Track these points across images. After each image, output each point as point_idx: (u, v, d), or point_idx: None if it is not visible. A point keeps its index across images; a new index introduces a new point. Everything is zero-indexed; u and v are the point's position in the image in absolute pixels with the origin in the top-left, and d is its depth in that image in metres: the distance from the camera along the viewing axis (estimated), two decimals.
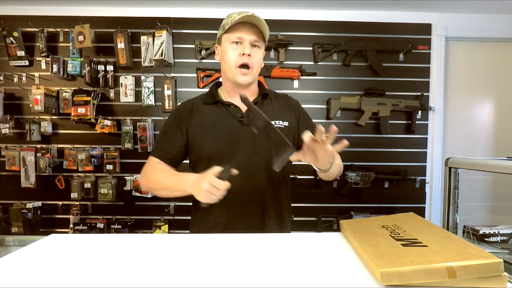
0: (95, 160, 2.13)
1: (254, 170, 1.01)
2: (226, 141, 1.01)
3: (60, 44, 2.16)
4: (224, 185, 0.82)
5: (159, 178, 1.00)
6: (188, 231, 1.12)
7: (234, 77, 1.01)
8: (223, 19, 1.09)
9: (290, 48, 2.18)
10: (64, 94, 2.13)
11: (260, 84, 1.13)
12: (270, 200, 1.04)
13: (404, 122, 2.24)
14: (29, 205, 2.11)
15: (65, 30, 2.14)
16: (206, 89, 2.13)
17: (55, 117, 2.16)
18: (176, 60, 2.18)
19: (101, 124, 2.11)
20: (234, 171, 0.84)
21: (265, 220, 1.03)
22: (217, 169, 0.83)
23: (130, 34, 2.12)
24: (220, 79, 1.11)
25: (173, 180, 0.96)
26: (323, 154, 0.84)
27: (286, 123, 1.07)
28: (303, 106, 1.19)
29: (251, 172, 1.01)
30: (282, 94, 1.18)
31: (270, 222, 1.04)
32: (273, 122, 1.03)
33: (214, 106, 1.07)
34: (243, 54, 0.98)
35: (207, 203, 0.85)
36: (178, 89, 2.18)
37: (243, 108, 1.05)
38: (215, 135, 1.02)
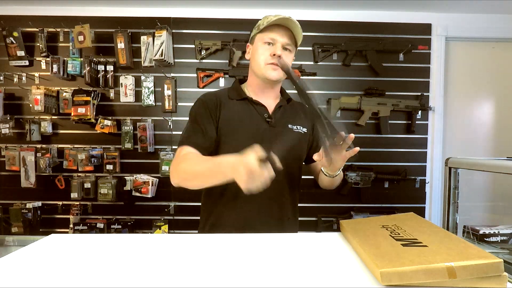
0: (95, 160, 2.13)
1: (276, 171, 1.01)
2: (253, 140, 0.99)
3: (60, 44, 2.16)
4: (266, 172, 0.70)
5: (192, 166, 0.88)
6: (188, 231, 1.12)
7: (263, 73, 1.01)
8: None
9: None
10: (64, 94, 2.13)
11: (282, 89, 1.14)
12: (288, 201, 1.05)
13: (404, 122, 2.24)
14: (29, 205, 2.11)
15: (65, 30, 2.14)
16: (206, 89, 2.16)
17: (55, 117, 2.16)
18: (176, 60, 2.18)
19: (101, 124, 2.11)
20: (278, 164, 0.71)
21: (284, 221, 1.04)
22: (259, 150, 0.72)
23: (130, 34, 2.12)
24: (221, 79, 1.11)
25: (209, 165, 0.84)
26: (338, 158, 0.89)
27: (305, 129, 1.10)
28: None
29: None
30: (298, 101, 1.18)
31: (289, 223, 1.05)
32: (295, 127, 1.08)
33: (240, 102, 1.06)
34: (274, 54, 0.99)
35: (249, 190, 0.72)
36: (178, 89, 2.18)
37: (270, 108, 1.06)
38: (243, 133, 1.01)
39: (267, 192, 0.99)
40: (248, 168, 0.68)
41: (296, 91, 0.87)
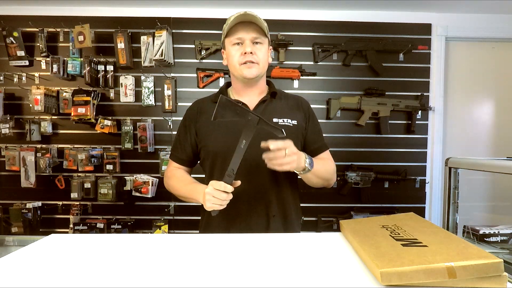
0: (95, 160, 2.13)
1: (258, 168, 1.01)
2: (231, 139, 1.00)
3: (60, 44, 2.16)
4: (226, 188, 0.86)
5: (176, 185, 1.08)
6: (188, 231, 1.14)
7: (241, 74, 1.03)
8: (222, 19, 1.09)
9: (290, 48, 2.18)
10: (64, 94, 2.13)
11: (270, 84, 1.16)
12: (274, 198, 1.04)
13: (404, 122, 2.24)
14: (29, 205, 2.11)
15: (65, 30, 2.14)
16: (206, 89, 2.16)
17: (55, 117, 2.16)
18: (176, 60, 2.18)
19: (101, 124, 2.11)
20: (237, 182, 0.89)
21: (269, 219, 1.03)
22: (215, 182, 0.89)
23: (130, 34, 2.12)
24: (221, 79, 1.12)
25: (188, 189, 1.03)
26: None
27: (294, 122, 1.08)
28: None
29: (256, 170, 1.01)
30: (294, 94, 1.19)
31: (275, 221, 1.04)
32: (281, 120, 1.06)
33: None
34: (245, 53, 1.00)
35: (215, 211, 0.90)
36: (178, 89, 2.18)
37: (251, 106, 1.07)
38: (221, 132, 1.03)
39: (251, 190, 1.01)
40: (207, 190, 0.88)
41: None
